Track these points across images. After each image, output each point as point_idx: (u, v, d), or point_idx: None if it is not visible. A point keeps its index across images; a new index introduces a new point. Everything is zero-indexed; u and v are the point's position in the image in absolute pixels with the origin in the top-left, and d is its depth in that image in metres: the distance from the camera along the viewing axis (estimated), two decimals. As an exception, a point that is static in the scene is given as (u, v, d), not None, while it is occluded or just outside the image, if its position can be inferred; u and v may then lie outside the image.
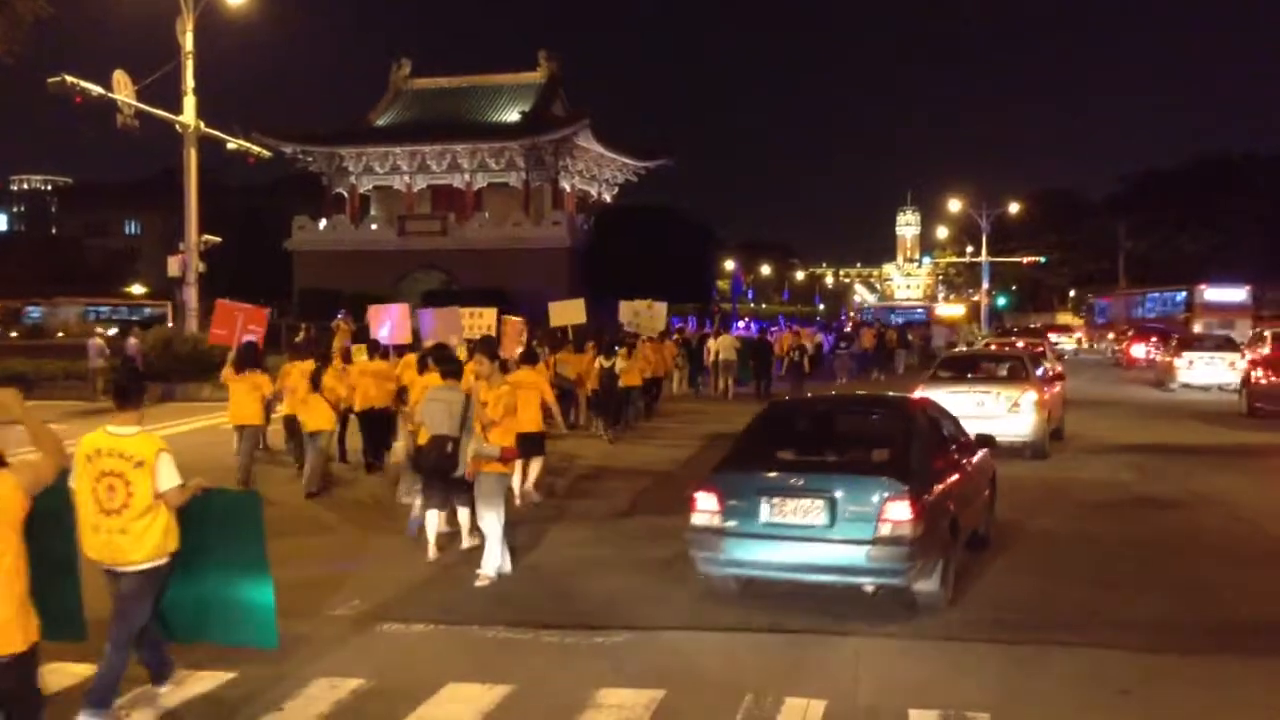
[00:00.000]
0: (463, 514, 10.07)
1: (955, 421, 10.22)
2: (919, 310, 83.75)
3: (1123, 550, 10.38)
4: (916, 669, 6.95)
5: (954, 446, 9.54)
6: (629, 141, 61.37)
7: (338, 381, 13.88)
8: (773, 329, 40.50)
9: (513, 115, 56.89)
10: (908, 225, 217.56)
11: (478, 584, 9.01)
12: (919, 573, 7.77)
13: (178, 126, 21.62)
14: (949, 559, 8.27)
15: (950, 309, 78.91)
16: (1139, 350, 41.89)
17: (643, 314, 25.73)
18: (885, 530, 7.58)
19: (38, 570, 5.04)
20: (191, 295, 21.66)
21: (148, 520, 6.02)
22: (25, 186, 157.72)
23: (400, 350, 16.02)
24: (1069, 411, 19.98)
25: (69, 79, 19.32)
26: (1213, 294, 48.51)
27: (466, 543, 10.05)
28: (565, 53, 71.92)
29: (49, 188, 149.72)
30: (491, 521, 9.22)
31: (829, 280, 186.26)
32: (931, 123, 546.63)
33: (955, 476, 8.91)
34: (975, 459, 9.92)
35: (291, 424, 14.72)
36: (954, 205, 77.32)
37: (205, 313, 22.16)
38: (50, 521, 5.84)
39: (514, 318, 20.61)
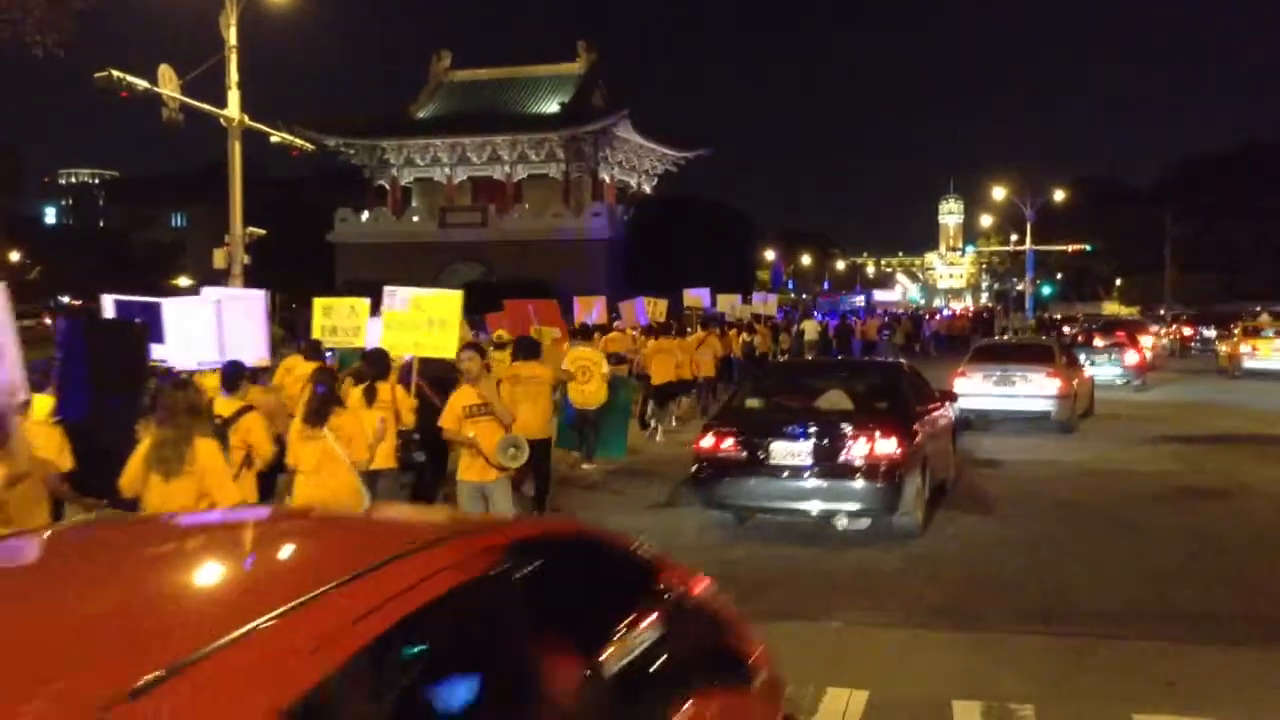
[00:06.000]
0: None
1: None
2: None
3: (1167, 540, 10.28)
4: (959, 660, 6.92)
5: None
6: (668, 132, 61.31)
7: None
8: (851, 316, 44.45)
9: (552, 106, 56.99)
10: (950, 214, 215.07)
11: None
12: None
13: (222, 120, 21.77)
14: None
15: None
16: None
17: (739, 305, 31.45)
18: None
19: (614, 417, 14.40)
20: (238, 287, 21.87)
21: (598, 389, 13.77)
22: (73, 180, 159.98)
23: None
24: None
25: (115, 73, 19.46)
26: (879, 295, 73.82)
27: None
28: (602, 43, 71.78)
29: (96, 181, 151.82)
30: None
31: (870, 269, 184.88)
32: (974, 108, 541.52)
33: None
34: None
35: None
36: (998, 193, 76.48)
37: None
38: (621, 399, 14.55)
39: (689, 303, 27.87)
